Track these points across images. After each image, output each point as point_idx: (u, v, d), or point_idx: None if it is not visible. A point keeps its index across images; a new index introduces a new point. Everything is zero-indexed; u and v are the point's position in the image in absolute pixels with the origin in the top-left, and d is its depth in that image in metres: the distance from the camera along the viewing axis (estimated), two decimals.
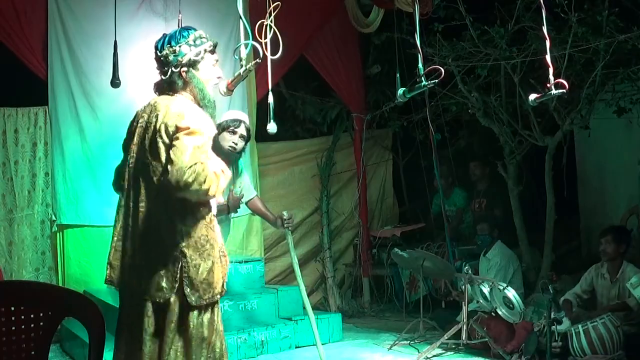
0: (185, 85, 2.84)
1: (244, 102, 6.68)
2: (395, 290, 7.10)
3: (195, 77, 2.84)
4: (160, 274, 2.66)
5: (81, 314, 2.17)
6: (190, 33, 2.85)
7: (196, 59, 2.83)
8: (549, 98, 3.50)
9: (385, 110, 7.21)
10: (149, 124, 2.76)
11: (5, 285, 2.85)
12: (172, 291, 2.67)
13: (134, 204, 2.74)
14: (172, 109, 2.73)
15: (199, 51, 2.83)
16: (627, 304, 4.85)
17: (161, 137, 2.68)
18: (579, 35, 5.31)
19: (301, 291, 4.43)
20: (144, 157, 2.74)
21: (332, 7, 6.90)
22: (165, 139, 2.67)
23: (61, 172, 5.96)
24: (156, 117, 2.73)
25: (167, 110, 2.72)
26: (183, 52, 2.81)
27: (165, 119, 2.69)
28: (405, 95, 3.74)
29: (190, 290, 2.68)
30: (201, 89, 2.84)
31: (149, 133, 2.75)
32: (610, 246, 5.03)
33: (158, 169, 2.68)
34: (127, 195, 2.79)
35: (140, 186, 2.73)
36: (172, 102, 2.78)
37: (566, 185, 6.32)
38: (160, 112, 2.73)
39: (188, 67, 2.82)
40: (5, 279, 5.35)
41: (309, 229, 7.35)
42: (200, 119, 2.74)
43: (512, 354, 4.83)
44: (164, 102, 2.79)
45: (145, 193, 2.72)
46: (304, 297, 4.40)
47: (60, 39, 5.99)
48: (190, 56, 2.81)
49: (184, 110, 2.72)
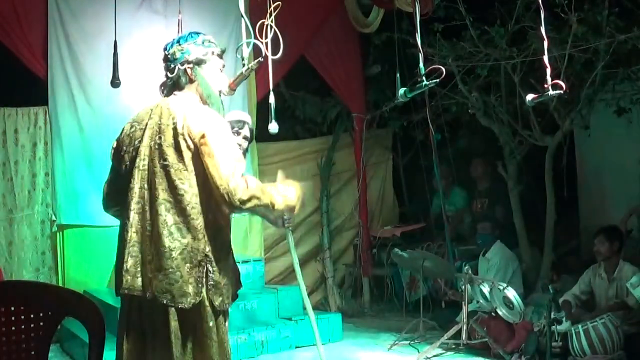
0: (191, 83, 2.83)
1: (244, 102, 6.69)
2: (395, 290, 7.10)
3: (200, 75, 2.83)
4: (184, 279, 2.61)
5: (81, 314, 2.17)
6: (199, 35, 2.88)
7: (203, 58, 2.83)
8: (547, 98, 3.49)
9: (385, 110, 7.21)
10: (164, 126, 2.70)
11: (5, 285, 2.85)
12: (197, 296, 2.62)
13: (151, 207, 2.67)
14: (192, 112, 2.69)
15: (206, 52, 2.85)
16: (626, 303, 4.86)
17: (185, 141, 2.64)
18: (579, 35, 5.31)
19: (301, 291, 4.43)
20: (162, 159, 2.67)
21: (332, 7, 6.90)
22: (189, 143, 2.63)
23: (61, 172, 5.96)
24: (173, 120, 2.68)
25: (187, 113, 2.68)
26: (190, 50, 2.83)
27: (187, 122, 2.65)
28: (405, 95, 3.73)
29: (215, 295, 2.66)
30: (206, 87, 2.83)
31: (165, 135, 2.68)
32: (604, 245, 5.06)
33: (183, 173, 2.64)
34: (139, 197, 2.70)
35: (156, 189, 2.66)
36: (187, 104, 2.75)
37: (566, 185, 6.32)
38: (178, 114, 2.68)
39: (194, 64, 2.82)
40: (5, 279, 5.35)
41: (309, 229, 7.35)
42: (220, 122, 2.73)
43: (512, 354, 4.83)
44: (178, 104, 2.75)
45: (164, 196, 2.65)
46: (304, 297, 4.40)
47: (60, 38, 5.99)
48: (197, 55, 2.82)
49: (205, 116, 2.70)
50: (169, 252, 2.61)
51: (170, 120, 2.69)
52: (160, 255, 2.62)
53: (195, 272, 2.63)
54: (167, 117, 2.71)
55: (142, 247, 2.67)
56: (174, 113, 2.71)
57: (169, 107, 2.75)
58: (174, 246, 2.61)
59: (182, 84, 2.83)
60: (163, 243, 2.61)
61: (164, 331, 2.63)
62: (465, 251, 6.64)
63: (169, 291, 2.60)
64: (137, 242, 2.68)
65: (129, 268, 2.67)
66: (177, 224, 2.64)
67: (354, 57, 7.38)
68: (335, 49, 7.19)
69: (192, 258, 2.63)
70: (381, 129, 7.86)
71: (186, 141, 2.64)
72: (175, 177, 2.65)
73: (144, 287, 2.65)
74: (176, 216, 2.64)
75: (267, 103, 3.41)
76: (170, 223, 2.63)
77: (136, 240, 2.68)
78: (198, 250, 2.64)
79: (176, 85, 2.84)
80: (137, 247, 2.68)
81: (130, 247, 2.68)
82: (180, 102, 2.77)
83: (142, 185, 2.71)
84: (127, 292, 2.67)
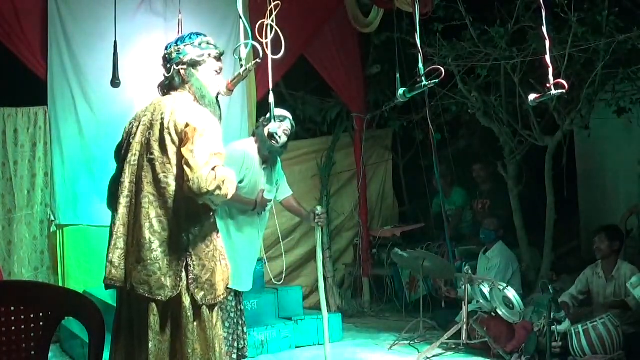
0: (184, 84, 2.87)
1: (244, 102, 6.69)
2: (395, 290, 7.10)
3: (194, 76, 2.87)
4: (163, 272, 2.66)
5: (81, 314, 2.17)
6: (198, 37, 2.92)
7: (197, 60, 2.87)
8: (549, 98, 3.50)
9: (385, 110, 7.21)
10: (154, 122, 2.78)
11: (5, 285, 2.85)
12: (175, 290, 2.66)
13: (136, 200, 2.73)
14: (181, 107, 2.75)
15: (202, 54, 2.89)
16: (626, 302, 4.85)
17: (170, 135, 2.70)
18: (579, 35, 5.31)
19: (319, 288, 4.40)
20: (149, 152, 2.74)
21: (332, 7, 6.90)
22: (174, 137, 2.69)
23: (60, 172, 5.96)
24: (162, 115, 2.75)
25: (175, 108, 2.75)
26: (186, 51, 2.87)
27: (174, 117, 2.72)
28: (405, 95, 3.73)
29: (197, 289, 2.69)
30: (199, 88, 2.86)
31: (154, 130, 2.76)
32: (604, 244, 5.07)
33: (167, 167, 2.69)
34: (128, 191, 2.77)
35: (142, 182, 2.72)
36: (178, 101, 2.81)
37: (566, 185, 6.33)
38: (167, 110, 2.76)
39: (188, 66, 2.86)
40: (5, 278, 5.35)
41: (309, 229, 7.34)
42: (209, 118, 2.76)
43: (512, 354, 4.83)
44: (169, 101, 2.82)
45: (148, 189, 2.70)
46: (321, 296, 4.35)
47: (60, 38, 5.98)
48: (192, 56, 2.87)
49: (193, 110, 2.76)
50: (149, 244, 2.66)
51: (160, 116, 2.76)
52: (140, 247, 2.67)
53: (174, 265, 2.67)
54: (158, 113, 2.79)
55: (128, 239, 2.74)
56: (164, 109, 2.78)
57: (161, 104, 2.82)
58: (154, 238, 2.67)
59: (176, 84, 2.88)
60: (144, 235, 2.67)
61: (144, 324, 2.68)
62: (465, 251, 6.64)
63: (147, 282, 2.65)
64: (123, 235, 2.75)
65: (113, 260, 2.74)
66: (159, 216, 2.69)
67: (354, 57, 7.38)
68: (335, 49, 7.18)
69: (172, 251, 2.67)
70: (381, 129, 7.86)
71: (171, 135, 2.70)
72: (159, 171, 2.70)
73: (125, 278, 2.71)
74: (159, 209, 2.69)
75: (267, 103, 3.41)
76: (153, 216, 2.68)
77: (122, 232, 2.75)
78: (178, 244, 2.68)
79: (171, 85, 2.89)
80: (123, 239, 2.74)
81: (117, 239, 2.75)
82: (172, 100, 2.83)
83: (131, 179, 2.77)
84: (110, 282, 2.74)
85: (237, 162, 4.21)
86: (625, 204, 6.38)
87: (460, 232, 7.20)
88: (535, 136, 6.22)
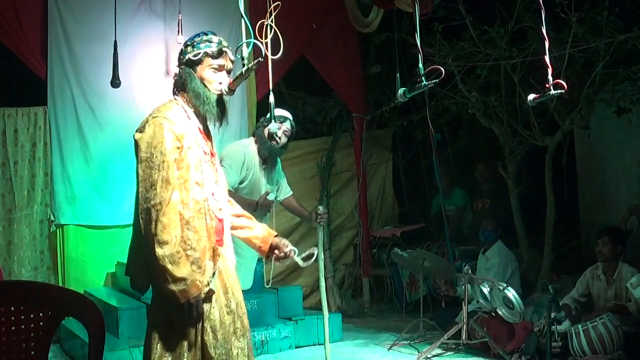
0: (185, 85, 2.85)
1: (243, 102, 6.69)
2: (395, 290, 7.10)
3: (191, 75, 2.84)
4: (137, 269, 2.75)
5: (81, 314, 2.17)
6: (200, 35, 2.90)
7: (194, 59, 2.84)
8: (548, 98, 3.49)
9: (385, 110, 7.21)
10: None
11: (5, 285, 2.85)
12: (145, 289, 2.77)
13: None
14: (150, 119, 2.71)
15: (198, 52, 2.84)
16: (626, 308, 4.83)
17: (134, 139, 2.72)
18: (579, 35, 5.31)
19: (320, 288, 4.39)
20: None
21: (332, 7, 6.90)
22: (135, 152, 2.70)
23: (60, 172, 5.96)
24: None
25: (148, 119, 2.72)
26: (186, 52, 2.86)
27: (140, 125, 2.71)
28: (405, 95, 3.73)
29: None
30: (193, 89, 2.83)
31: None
32: (607, 247, 5.02)
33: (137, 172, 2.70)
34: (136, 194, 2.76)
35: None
36: (162, 109, 2.76)
37: (566, 185, 6.32)
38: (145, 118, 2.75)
39: (186, 66, 2.85)
40: (4, 278, 5.35)
41: (308, 229, 7.34)
42: (168, 136, 2.67)
43: (512, 354, 4.83)
44: (156, 108, 2.79)
45: (136, 192, 2.71)
46: (322, 296, 4.35)
47: (60, 39, 5.99)
48: (189, 56, 2.85)
49: (150, 127, 2.68)
50: (131, 243, 2.78)
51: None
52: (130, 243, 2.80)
53: (145, 266, 2.68)
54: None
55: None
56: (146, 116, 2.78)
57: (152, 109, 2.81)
58: (133, 239, 2.76)
59: (179, 85, 2.88)
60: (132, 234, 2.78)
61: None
62: (465, 251, 6.64)
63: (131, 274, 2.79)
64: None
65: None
66: (136, 218, 2.71)
67: (354, 57, 7.38)
68: (335, 49, 7.18)
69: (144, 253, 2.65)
70: (381, 129, 7.86)
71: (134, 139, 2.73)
72: (137, 175, 2.70)
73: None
74: (136, 212, 2.72)
75: (267, 103, 3.41)
76: (134, 218, 2.73)
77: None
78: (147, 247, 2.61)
79: (176, 88, 2.89)
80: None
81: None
82: (160, 106, 2.80)
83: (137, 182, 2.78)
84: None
85: (237, 163, 4.21)
86: (625, 204, 6.37)
87: (460, 232, 7.20)
88: (535, 136, 6.22)
